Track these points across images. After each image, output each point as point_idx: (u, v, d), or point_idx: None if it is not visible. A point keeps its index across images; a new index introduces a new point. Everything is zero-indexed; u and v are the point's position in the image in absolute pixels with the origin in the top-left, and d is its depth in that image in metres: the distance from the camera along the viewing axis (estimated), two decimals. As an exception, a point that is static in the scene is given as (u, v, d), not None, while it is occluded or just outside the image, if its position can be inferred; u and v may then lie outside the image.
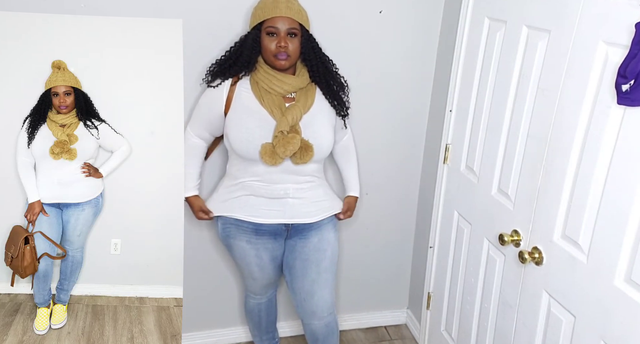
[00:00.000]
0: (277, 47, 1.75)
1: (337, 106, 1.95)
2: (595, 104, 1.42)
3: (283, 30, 1.75)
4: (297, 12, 1.77)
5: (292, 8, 1.76)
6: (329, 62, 1.93)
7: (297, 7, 1.79)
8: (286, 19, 1.74)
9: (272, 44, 1.76)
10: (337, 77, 1.96)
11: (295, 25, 1.77)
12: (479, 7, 1.99)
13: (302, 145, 1.82)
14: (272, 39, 1.76)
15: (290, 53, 1.77)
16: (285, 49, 1.75)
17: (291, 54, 1.77)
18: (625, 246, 1.35)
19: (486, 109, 1.95)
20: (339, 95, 1.95)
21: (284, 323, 2.62)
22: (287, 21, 1.75)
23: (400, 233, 2.64)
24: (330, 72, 1.93)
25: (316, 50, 1.87)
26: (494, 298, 1.97)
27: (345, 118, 2.01)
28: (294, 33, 1.77)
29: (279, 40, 1.75)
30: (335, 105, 1.94)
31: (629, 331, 1.35)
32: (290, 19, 1.75)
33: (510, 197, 1.82)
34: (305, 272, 2.02)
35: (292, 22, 1.75)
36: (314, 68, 1.87)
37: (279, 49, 1.75)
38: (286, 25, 1.75)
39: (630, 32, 1.25)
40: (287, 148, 1.79)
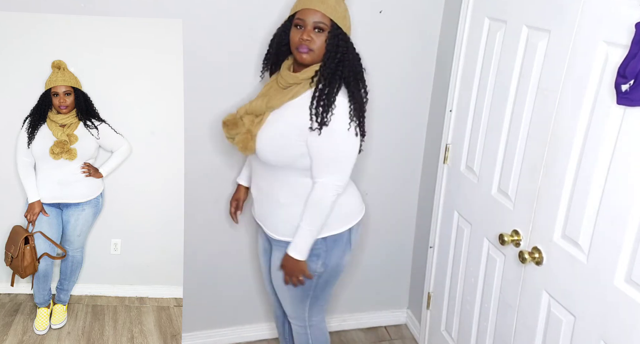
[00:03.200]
0: (299, 39, 1.68)
1: (312, 116, 1.65)
2: (595, 104, 1.42)
3: (310, 23, 1.67)
4: (330, 7, 1.66)
5: (326, 2, 1.66)
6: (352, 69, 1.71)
7: (334, 3, 1.68)
8: (316, 13, 1.67)
9: (297, 36, 1.70)
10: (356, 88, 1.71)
11: (325, 19, 1.66)
12: (479, 7, 1.99)
13: (248, 136, 1.73)
14: (298, 31, 1.69)
15: (312, 47, 1.67)
16: (307, 42, 1.67)
17: (314, 49, 1.67)
18: (625, 246, 1.35)
19: (486, 109, 1.95)
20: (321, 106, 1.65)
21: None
22: (317, 15, 1.67)
23: (400, 233, 2.64)
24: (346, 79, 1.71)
25: (341, 50, 1.68)
26: (494, 298, 1.97)
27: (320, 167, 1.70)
28: (321, 28, 1.67)
29: (303, 33, 1.68)
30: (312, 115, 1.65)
31: (629, 331, 1.35)
32: (320, 13, 1.66)
33: (510, 197, 1.82)
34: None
35: (321, 16, 1.66)
36: (325, 66, 1.68)
37: (300, 41, 1.68)
38: (314, 19, 1.67)
39: (630, 32, 1.25)
40: (230, 130, 1.76)
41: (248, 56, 2.10)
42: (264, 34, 2.03)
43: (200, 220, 2.30)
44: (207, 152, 2.22)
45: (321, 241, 1.82)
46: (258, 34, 2.06)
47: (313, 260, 1.83)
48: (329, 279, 1.92)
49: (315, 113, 1.64)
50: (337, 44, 1.68)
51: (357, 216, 1.92)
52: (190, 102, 2.09)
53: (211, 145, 2.21)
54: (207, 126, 2.17)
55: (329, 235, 1.83)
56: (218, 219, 2.34)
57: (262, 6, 2.04)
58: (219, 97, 2.11)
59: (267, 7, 2.04)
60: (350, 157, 1.72)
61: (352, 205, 1.90)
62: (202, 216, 2.30)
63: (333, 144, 1.67)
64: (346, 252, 1.92)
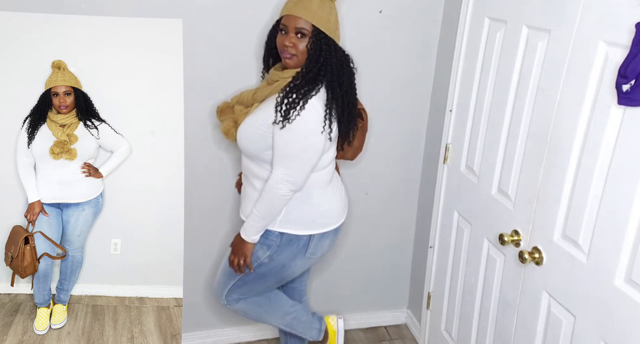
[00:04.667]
0: (282, 45, 1.73)
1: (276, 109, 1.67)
2: (595, 104, 1.42)
3: (292, 28, 1.71)
4: (311, 12, 1.69)
5: (308, 8, 1.69)
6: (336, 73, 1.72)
7: (316, 7, 1.69)
8: (298, 19, 1.69)
9: (281, 41, 1.74)
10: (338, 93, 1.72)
11: (306, 25, 1.69)
12: (479, 7, 1.99)
13: (232, 123, 1.81)
14: (282, 36, 1.73)
15: (294, 52, 1.72)
16: (289, 48, 1.72)
17: (296, 54, 1.71)
18: (625, 246, 1.35)
19: (486, 109, 1.95)
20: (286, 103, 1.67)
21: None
22: (299, 21, 1.70)
23: (400, 233, 2.64)
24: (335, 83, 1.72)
25: (324, 55, 1.71)
26: (494, 298, 1.97)
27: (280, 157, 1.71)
28: (304, 33, 1.70)
29: (285, 39, 1.72)
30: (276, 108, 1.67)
31: (629, 331, 1.35)
32: (302, 20, 1.69)
33: (510, 197, 1.82)
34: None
35: (303, 22, 1.69)
36: (307, 70, 1.70)
37: (283, 47, 1.73)
38: (296, 24, 1.70)
39: (630, 32, 1.26)
40: (220, 115, 1.87)
41: (248, 56, 2.10)
42: (264, 34, 2.02)
43: (200, 220, 2.30)
44: (207, 151, 2.22)
45: (278, 234, 1.86)
46: (258, 34, 2.06)
47: (263, 248, 1.87)
48: (267, 273, 1.92)
49: (279, 109, 1.67)
50: (319, 48, 1.71)
51: (323, 227, 1.89)
52: (190, 102, 2.09)
53: (211, 145, 2.21)
54: (207, 126, 2.17)
55: (285, 232, 1.85)
56: (218, 219, 2.34)
57: (262, 6, 2.04)
58: (219, 97, 2.10)
59: (267, 7, 2.04)
60: (303, 157, 1.73)
61: (322, 214, 1.89)
62: (202, 216, 2.30)
63: (288, 140, 1.69)
64: (298, 257, 1.90)
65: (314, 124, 1.68)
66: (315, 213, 1.87)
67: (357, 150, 2.04)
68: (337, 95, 1.72)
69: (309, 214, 1.86)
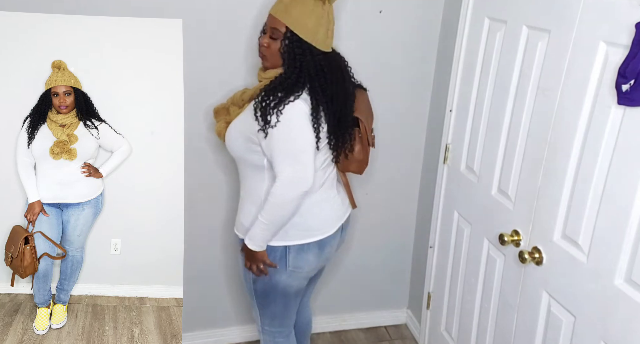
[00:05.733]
0: (259, 43, 1.69)
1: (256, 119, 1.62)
2: (595, 104, 1.42)
3: (268, 28, 1.66)
4: (286, 13, 1.60)
5: (287, 9, 1.61)
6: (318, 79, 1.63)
7: (295, 10, 1.60)
8: (273, 19, 1.64)
9: (259, 40, 1.70)
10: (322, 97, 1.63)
11: (280, 26, 1.61)
12: (479, 7, 1.99)
13: (224, 124, 1.79)
14: (261, 36, 1.70)
15: (265, 53, 1.66)
16: (262, 48, 1.67)
17: (266, 55, 1.66)
18: (625, 246, 1.35)
19: (486, 109, 1.95)
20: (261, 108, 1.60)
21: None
22: (275, 20, 1.62)
23: (400, 233, 2.64)
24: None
25: (299, 59, 1.62)
26: (494, 298, 1.97)
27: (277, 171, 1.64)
28: (276, 34, 1.63)
29: (262, 38, 1.68)
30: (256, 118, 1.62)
31: (629, 331, 1.35)
32: (276, 20, 1.62)
33: (510, 197, 1.82)
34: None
35: (276, 22, 1.62)
36: (286, 76, 1.63)
37: (259, 46, 1.69)
38: (270, 24, 1.65)
39: (630, 32, 1.26)
40: (216, 117, 1.86)
41: (248, 56, 2.10)
42: (264, 34, 2.03)
43: (200, 220, 2.30)
44: (207, 152, 2.22)
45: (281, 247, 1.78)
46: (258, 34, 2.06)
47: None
48: (267, 290, 1.85)
49: (257, 115, 1.61)
50: (292, 52, 1.62)
51: (298, 239, 1.77)
52: (190, 102, 2.09)
53: (211, 145, 2.21)
54: (207, 126, 2.17)
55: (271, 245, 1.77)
56: (218, 219, 2.34)
57: (263, 6, 2.03)
58: (218, 97, 2.10)
59: (267, 7, 2.03)
60: (297, 152, 1.63)
61: (294, 225, 1.74)
62: (202, 216, 2.30)
63: (278, 140, 1.61)
64: (280, 271, 1.79)
65: (297, 120, 1.60)
66: (289, 224, 1.73)
67: (362, 164, 1.89)
68: (321, 101, 1.63)
69: (287, 225, 1.74)
